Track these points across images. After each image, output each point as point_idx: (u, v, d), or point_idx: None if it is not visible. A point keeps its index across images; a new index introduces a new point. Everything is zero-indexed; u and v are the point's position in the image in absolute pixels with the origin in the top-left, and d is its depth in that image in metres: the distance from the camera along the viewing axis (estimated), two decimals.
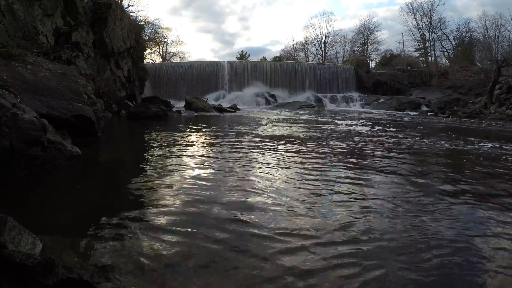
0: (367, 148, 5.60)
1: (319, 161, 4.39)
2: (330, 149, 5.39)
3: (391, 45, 50.13)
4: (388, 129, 8.95)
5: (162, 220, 2.27)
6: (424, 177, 3.66)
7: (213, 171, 3.72)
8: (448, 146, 6.01)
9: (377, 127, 9.51)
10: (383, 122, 11.85)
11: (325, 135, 7.42)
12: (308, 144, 5.89)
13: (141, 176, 3.55)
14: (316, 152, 5.05)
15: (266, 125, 9.54)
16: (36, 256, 1.40)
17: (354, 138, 6.88)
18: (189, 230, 2.12)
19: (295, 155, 4.82)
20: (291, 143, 6.03)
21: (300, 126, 9.39)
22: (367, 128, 9.31)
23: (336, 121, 11.62)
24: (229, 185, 3.15)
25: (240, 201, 2.69)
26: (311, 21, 66.65)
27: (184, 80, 25.38)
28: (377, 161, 4.47)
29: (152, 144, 5.70)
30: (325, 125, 9.84)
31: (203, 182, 3.22)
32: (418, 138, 7.14)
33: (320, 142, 6.19)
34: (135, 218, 2.28)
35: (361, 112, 18.93)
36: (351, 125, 10.22)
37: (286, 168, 3.91)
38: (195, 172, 3.64)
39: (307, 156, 4.75)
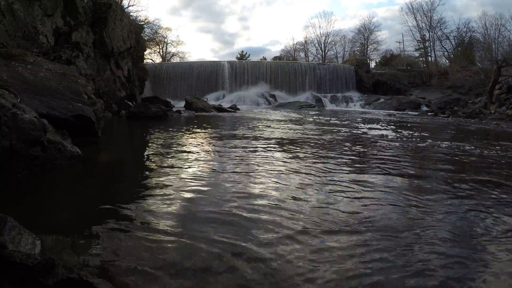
0: (399, 155, 4.98)
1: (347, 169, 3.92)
2: (357, 157, 5.08)
3: (391, 45, 50.20)
4: (407, 131, 8.45)
5: (163, 220, 2.27)
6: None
7: (215, 172, 3.72)
8: (496, 154, 5.25)
9: (392, 128, 9.49)
10: (392, 122, 11.83)
11: (343, 138, 7.11)
12: (319, 147, 5.88)
13: (141, 176, 3.55)
14: (336, 158, 4.52)
15: (270, 126, 9.48)
16: (36, 256, 1.40)
17: (380, 142, 6.28)
18: (190, 230, 2.12)
19: (306, 159, 4.81)
20: (298, 146, 6.02)
21: (305, 127, 9.38)
22: (380, 128, 9.28)
23: (343, 122, 11.61)
24: (232, 187, 3.14)
25: (243, 204, 2.68)
26: (311, 21, 66.70)
27: (184, 80, 25.37)
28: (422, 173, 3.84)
29: (152, 144, 5.70)
30: (334, 127, 9.82)
31: (204, 183, 3.21)
32: (449, 143, 6.37)
33: (339, 146, 5.89)
34: (135, 218, 2.28)
35: (362, 112, 18.92)
36: (360, 126, 10.21)
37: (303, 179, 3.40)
38: (196, 172, 3.63)
39: (322, 160, 4.57)
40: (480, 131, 9.57)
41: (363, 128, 9.19)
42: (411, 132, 8.23)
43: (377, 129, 9.12)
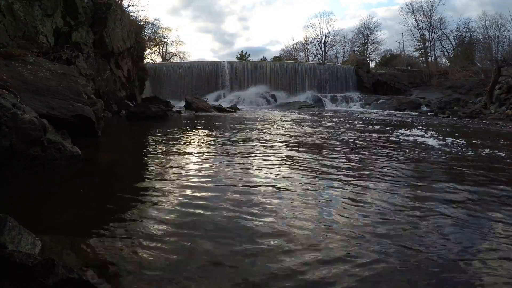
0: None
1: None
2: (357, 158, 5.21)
3: (391, 45, 50.21)
4: (428, 134, 7.86)
5: (162, 221, 2.27)
6: None
7: (216, 172, 3.72)
8: None
9: (398, 129, 9.47)
10: (394, 122, 11.83)
11: (344, 139, 7.12)
12: (319, 147, 5.88)
13: (141, 176, 3.55)
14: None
15: (270, 127, 9.48)
16: (36, 256, 1.40)
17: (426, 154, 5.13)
18: (188, 231, 2.12)
19: (308, 160, 4.80)
20: (300, 148, 6.00)
21: (305, 127, 9.38)
22: (385, 130, 9.28)
23: (343, 123, 11.61)
24: (233, 187, 3.14)
25: (242, 206, 2.68)
26: (311, 21, 66.34)
27: (184, 80, 25.36)
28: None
29: (152, 144, 5.69)
30: (334, 128, 9.82)
31: (204, 183, 3.21)
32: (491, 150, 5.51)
33: (339, 149, 5.64)
34: (135, 218, 2.28)
35: (362, 112, 18.91)
36: (361, 127, 10.21)
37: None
38: (196, 172, 3.63)
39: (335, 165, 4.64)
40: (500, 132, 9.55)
41: (365, 129, 9.18)
42: (420, 133, 8.23)
43: (381, 130, 9.12)
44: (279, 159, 4.44)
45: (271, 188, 3.07)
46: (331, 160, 4.42)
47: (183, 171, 3.67)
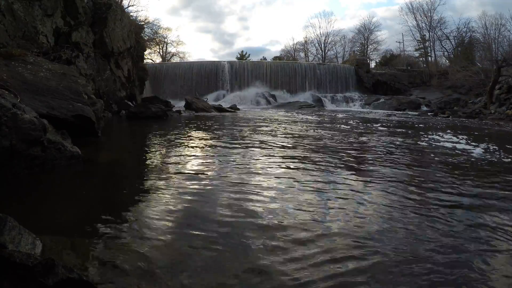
0: None
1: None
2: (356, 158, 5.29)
3: (391, 45, 50.30)
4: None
5: (162, 220, 2.27)
6: None
7: (216, 173, 3.72)
8: None
9: (404, 130, 9.46)
10: (395, 123, 11.83)
11: (346, 140, 7.31)
12: (319, 147, 5.88)
13: (141, 176, 3.55)
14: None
15: (271, 127, 9.47)
16: (36, 256, 1.40)
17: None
18: (189, 230, 2.12)
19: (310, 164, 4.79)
20: (301, 150, 6.00)
21: (306, 127, 9.38)
22: (391, 131, 9.27)
23: (343, 123, 11.61)
24: (233, 187, 3.14)
25: (240, 209, 2.67)
26: (310, 21, 66.46)
27: (184, 80, 25.36)
28: None
29: (152, 144, 5.70)
30: (334, 129, 9.82)
31: (205, 184, 3.21)
32: None
33: (340, 149, 5.80)
34: (135, 218, 2.28)
35: (362, 112, 18.91)
36: (362, 128, 10.20)
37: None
38: (196, 172, 3.63)
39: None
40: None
41: (367, 130, 9.19)
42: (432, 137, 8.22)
43: (384, 131, 9.11)
44: (283, 158, 4.44)
45: (275, 190, 3.07)
46: (339, 162, 4.42)
47: (183, 171, 3.67)
